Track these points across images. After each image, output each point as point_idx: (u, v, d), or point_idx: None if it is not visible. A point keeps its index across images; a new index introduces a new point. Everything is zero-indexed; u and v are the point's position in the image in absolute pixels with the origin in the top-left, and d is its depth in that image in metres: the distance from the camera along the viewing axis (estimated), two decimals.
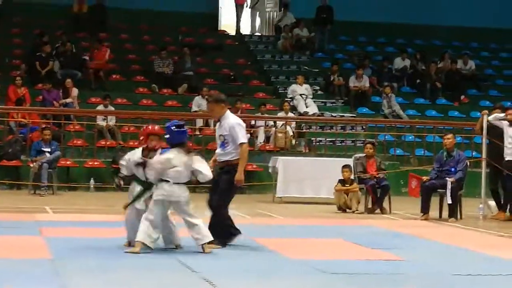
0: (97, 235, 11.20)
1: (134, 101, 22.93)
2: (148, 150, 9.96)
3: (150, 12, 27.06)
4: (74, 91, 21.96)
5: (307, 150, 21.65)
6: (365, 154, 16.68)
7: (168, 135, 9.83)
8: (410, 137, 22.22)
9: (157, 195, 9.67)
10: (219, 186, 10.30)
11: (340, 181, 16.39)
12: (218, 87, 23.81)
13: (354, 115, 23.56)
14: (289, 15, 27.84)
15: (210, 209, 10.39)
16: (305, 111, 23.13)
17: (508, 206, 15.23)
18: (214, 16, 28.90)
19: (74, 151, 20.02)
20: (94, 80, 23.50)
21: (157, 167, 9.70)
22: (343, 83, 24.76)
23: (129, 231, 10.01)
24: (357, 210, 16.04)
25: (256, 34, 28.90)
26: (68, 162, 19.39)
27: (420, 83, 25.80)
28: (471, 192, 16.93)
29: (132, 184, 10.10)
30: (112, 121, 21.06)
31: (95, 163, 19.36)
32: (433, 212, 14.97)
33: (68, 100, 21.71)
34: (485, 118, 15.50)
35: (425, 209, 14.83)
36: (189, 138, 20.26)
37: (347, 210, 16.14)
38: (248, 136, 21.15)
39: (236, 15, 28.37)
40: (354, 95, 24.40)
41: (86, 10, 26.22)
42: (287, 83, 24.73)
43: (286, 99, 23.20)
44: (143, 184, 9.93)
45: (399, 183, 19.29)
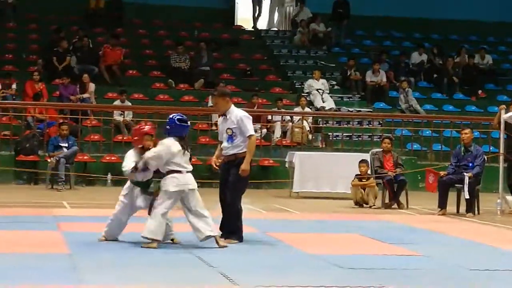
0: None
1: (151, 96, 22.96)
2: (144, 150, 9.88)
3: (166, 7, 27.09)
4: (91, 86, 22.01)
5: (324, 145, 21.62)
6: (382, 149, 16.64)
7: (169, 126, 9.84)
8: (427, 132, 22.14)
9: (173, 187, 9.64)
10: (230, 181, 10.27)
11: (357, 176, 16.38)
12: (235, 82, 23.93)
13: (371, 110, 23.51)
14: (306, 10, 27.79)
15: (223, 205, 10.40)
16: (322, 106, 23.11)
17: None
18: (230, 12, 28.91)
19: (91, 146, 20.07)
20: (109, 77, 23.53)
21: (158, 151, 9.67)
22: (360, 78, 24.71)
23: (112, 228, 10.02)
24: (374, 205, 16.01)
25: (273, 29, 28.88)
26: (85, 157, 19.44)
27: (437, 78, 25.72)
28: (489, 187, 16.89)
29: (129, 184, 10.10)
30: (129, 116, 21.11)
31: (112, 158, 19.39)
32: (450, 207, 14.93)
33: (85, 95, 21.75)
34: (503, 113, 15.44)
35: (442, 204, 14.78)
36: (206, 133, 20.60)
37: (364, 205, 16.11)
38: (265, 132, 21.30)
39: (253, 10, 28.34)
40: (371, 90, 24.35)
41: (103, 6, 26.29)
42: (304, 78, 24.69)
43: (303, 94, 23.19)
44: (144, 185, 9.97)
45: (416, 178, 19.22)
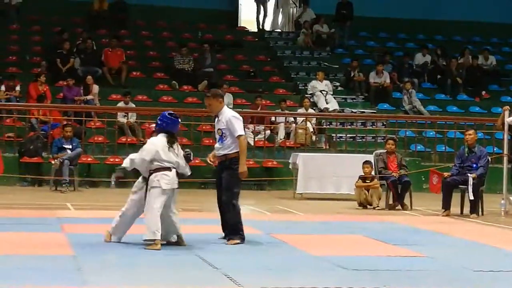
0: None
1: (155, 98, 22.96)
2: None
3: (170, 9, 27.11)
4: (95, 88, 22.02)
5: (328, 146, 21.61)
6: (386, 150, 16.63)
7: (160, 121, 9.99)
8: (431, 133, 22.13)
9: (165, 184, 9.74)
10: (223, 183, 10.36)
11: (361, 177, 16.37)
12: (238, 84, 23.96)
13: (375, 111, 23.50)
14: (309, 11, 27.79)
15: (221, 207, 10.45)
16: (325, 107, 23.10)
17: None
18: (234, 13, 28.93)
19: (95, 148, 20.08)
20: (112, 79, 23.54)
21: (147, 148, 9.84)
22: (364, 79, 24.69)
23: (120, 224, 10.06)
24: (378, 206, 15.99)
25: (276, 31, 28.89)
26: (89, 159, 19.46)
27: (441, 79, 25.71)
28: (493, 188, 16.88)
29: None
30: (133, 118, 21.12)
31: (116, 160, 19.38)
32: (454, 208, 14.92)
33: (89, 97, 21.76)
34: (507, 114, 15.42)
35: (446, 205, 14.77)
36: (209, 134, 20.57)
37: (368, 206, 16.11)
38: (269, 133, 21.31)
39: (257, 11, 28.35)
40: (375, 91, 24.33)
41: (107, 8, 26.30)
42: (307, 79, 24.69)
43: (306, 95, 23.17)
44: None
45: (420, 179, 19.20)
